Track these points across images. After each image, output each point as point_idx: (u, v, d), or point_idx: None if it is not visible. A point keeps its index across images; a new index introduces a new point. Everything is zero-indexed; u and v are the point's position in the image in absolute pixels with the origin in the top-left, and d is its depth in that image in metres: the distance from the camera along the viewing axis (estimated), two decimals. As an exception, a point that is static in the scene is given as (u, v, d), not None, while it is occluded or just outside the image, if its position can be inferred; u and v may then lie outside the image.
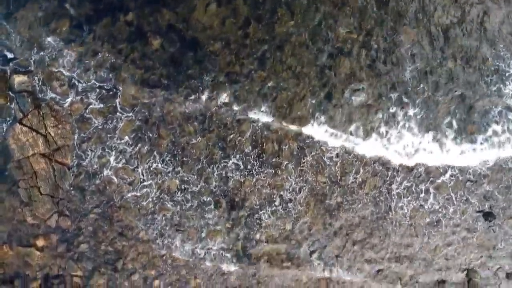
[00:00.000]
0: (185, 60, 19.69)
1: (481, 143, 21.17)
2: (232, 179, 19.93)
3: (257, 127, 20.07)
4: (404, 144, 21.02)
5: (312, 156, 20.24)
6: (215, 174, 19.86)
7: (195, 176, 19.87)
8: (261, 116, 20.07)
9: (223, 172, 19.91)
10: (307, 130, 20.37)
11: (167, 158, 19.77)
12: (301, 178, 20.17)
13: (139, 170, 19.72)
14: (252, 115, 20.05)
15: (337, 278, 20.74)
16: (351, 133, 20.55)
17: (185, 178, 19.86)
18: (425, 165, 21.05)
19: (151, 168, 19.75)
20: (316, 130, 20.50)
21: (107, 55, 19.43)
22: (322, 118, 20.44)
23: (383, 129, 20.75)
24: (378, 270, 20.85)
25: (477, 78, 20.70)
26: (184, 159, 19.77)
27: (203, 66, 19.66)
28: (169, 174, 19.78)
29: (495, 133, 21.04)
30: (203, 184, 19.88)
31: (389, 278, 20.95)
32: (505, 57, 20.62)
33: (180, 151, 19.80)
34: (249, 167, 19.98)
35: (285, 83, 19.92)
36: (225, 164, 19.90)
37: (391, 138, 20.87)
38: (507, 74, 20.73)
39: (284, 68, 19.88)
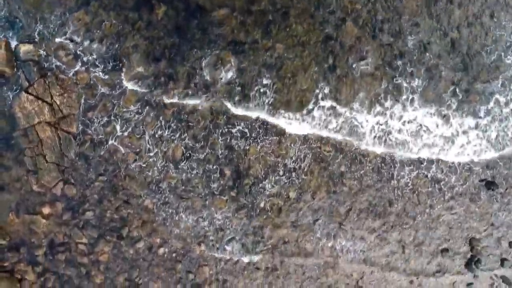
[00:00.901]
0: (190, 29, 19.78)
1: (484, 116, 21.28)
2: (237, 146, 20.05)
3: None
4: (407, 119, 21.11)
5: (316, 123, 20.39)
6: (220, 140, 19.99)
7: (201, 143, 19.99)
8: (261, 114, 20.07)
9: (228, 138, 20.02)
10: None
11: (173, 125, 19.90)
12: (305, 145, 20.30)
13: (146, 137, 19.83)
14: (252, 113, 20.07)
15: (341, 248, 20.90)
16: (354, 108, 20.64)
17: (190, 145, 19.98)
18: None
19: (156, 136, 19.87)
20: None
21: (114, 21, 19.52)
22: (326, 89, 20.53)
23: (387, 102, 20.83)
24: (381, 239, 20.99)
25: (479, 48, 20.82)
26: (190, 124, 19.89)
27: (208, 34, 19.76)
28: (175, 141, 19.91)
29: (497, 102, 21.18)
30: (209, 150, 20.01)
31: (392, 246, 21.09)
32: (507, 26, 20.74)
33: (186, 115, 19.91)
34: (254, 134, 20.10)
35: (290, 52, 20.02)
36: (230, 130, 20.03)
37: (395, 111, 20.96)
38: (508, 44, 20.86)
39: (289, 36, 19.98)
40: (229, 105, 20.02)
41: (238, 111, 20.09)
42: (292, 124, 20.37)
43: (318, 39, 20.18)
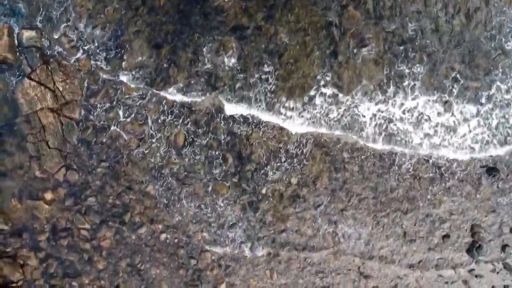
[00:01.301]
0: (192, 14, 19.83)
1: (486, 103, 21.29)
2: (239, 131, 20.11)
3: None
4: (409, 106, 21.14)
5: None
6: (222, 125, 20.05)
7: (203, 128, 20.04)
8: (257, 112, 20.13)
9: (231, 123, 20.08)
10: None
11: (175, 110, 19.96)
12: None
13: (148, 122, 19.90)
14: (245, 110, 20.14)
15: (342, 233, 20.97)
16: (355, 96, 20.69)
17: (193, 129, 20.04)
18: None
19: (159, 121, 19.94)
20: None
21: (117, 6, 19.59)
22: (328, 76, 20.55)
23: (390, 88, 20.86)
24: (383, 224, 21.03)
25: (480, 34, 20.86)
26: (192, 109, 19.96)
27: (210, 20, 19.83)
28: (178, 127, 19.97)
29: (498, 89, 21.23)
30: (211, 135, 20.07)
31: (393, 233, 21.13)
32: (507, 12, 20.78)
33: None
34: (256, 120, 20.16)
35: (292, 38, 20.08)
36: (233, 115, 20.09)
37: (397, 98, 20.98)
38: (508, 30, 20.91)
39: (292, 21, 20.04)
40: (226, 101, 20.07)
41: (237, 109, 20.11)
42: (293, 117, 20.36)
43: (321, 26, 20.24)
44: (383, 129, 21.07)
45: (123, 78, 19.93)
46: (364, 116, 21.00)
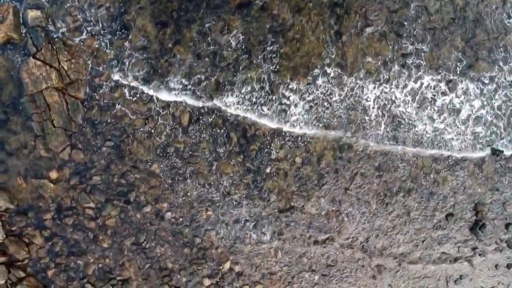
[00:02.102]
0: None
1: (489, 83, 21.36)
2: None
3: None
4: (412, 87, 21.22)
5: (322, 86, 20.52)
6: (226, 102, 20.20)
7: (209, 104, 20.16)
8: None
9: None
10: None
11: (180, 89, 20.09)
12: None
13: (154, 99, 19.96)
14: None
15: (346, 212, 21.04)
16: (359, 77, 20.77)
17: (197, 106, 20.14)
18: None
19: (164, 99, 20.03)
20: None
21: (121, -17, 19.70)
22: (332, 56, 20.63)
23: (393, 69, 20.92)
24: (387, 204, 21.12)
25: (483, 11, 20.95)
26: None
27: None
28: (183, 104, 20.06)
29: (500, 69, 21.32)
30: (216, 112, 20.16)
31: (397, 211, 21.21)
32: (512, -10, 20.95)
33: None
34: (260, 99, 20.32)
35: (297, 17, 20.16)
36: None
37: (400, 79, 21.04)
38: (509, 5, 20.99)
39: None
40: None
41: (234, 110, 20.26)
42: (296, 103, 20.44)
43: (325, 5, 20.33)
44: (386, 111, 21.14)
45: (126, 61, 19.96)
46: (368, 100, 21.04)
